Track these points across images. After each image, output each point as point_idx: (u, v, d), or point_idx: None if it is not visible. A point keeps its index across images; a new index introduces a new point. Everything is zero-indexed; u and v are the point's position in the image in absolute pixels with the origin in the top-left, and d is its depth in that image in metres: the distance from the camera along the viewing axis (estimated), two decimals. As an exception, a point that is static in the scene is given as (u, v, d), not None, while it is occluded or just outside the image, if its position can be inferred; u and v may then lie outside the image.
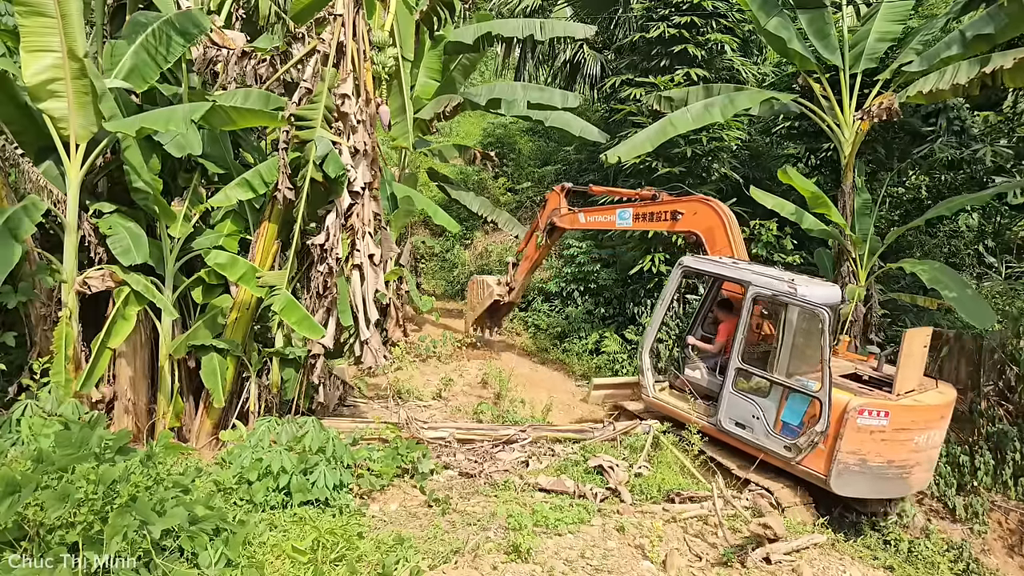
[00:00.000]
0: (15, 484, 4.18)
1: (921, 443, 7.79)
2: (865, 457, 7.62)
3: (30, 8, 6.74)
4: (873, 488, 7.85)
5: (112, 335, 7.71)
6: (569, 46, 17.84)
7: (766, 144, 16.59)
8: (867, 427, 7.55)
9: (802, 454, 7.84)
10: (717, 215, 9.84)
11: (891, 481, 7.83)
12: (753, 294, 8.53)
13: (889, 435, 7.61)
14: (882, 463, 7.68)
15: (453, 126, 23.24)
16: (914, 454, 7.80)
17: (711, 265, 9.32)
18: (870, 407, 7.55)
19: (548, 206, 12.22)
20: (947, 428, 8.33)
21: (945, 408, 8.06)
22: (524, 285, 13.11)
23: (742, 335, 8.64)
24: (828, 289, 8.76)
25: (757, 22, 10.88)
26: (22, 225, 6.98)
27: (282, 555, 5.13)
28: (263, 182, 8.20)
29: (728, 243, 9.68)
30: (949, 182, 13.62)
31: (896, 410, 7.63)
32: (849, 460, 7.58)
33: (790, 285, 8.24)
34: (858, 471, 7.63)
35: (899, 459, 7.75)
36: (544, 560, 5.68)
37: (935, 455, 8.25)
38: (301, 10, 9.17)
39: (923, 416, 7.79)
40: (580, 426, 9.84)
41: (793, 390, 8.08)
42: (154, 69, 7.90)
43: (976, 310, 9.23)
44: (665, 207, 10.41)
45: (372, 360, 8.43)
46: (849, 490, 7.77)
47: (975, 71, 8.94)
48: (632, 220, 10.84)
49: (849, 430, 7.51)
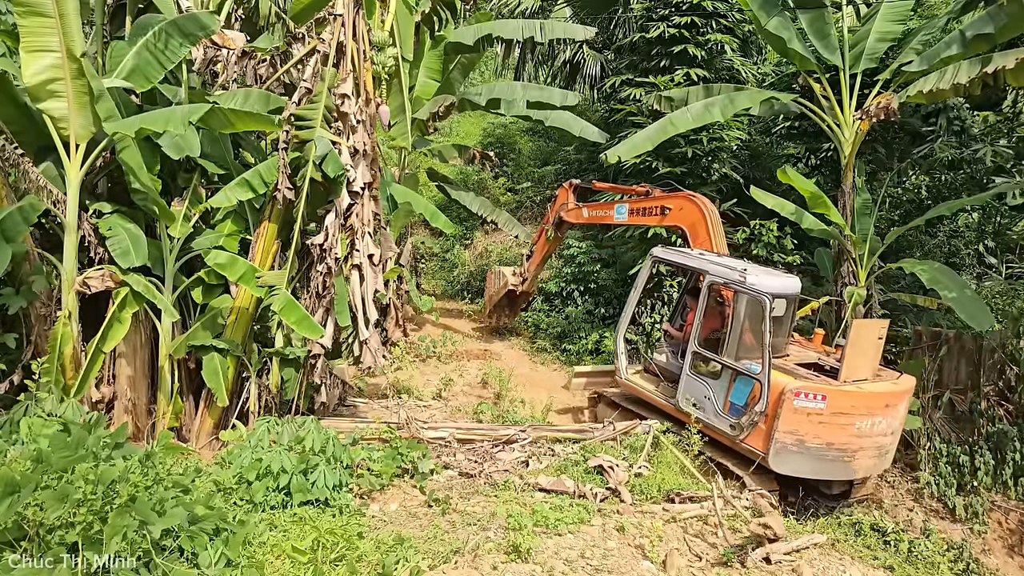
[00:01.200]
0: (14, 484, 4.18)
1: (864, 429, 8.05)
2: (802, 438, 7.99)
3: (29, 8, 6.75)
4: (813, 468, 8.19)
5: (107, 339, 7.71)
6: (569, 46, 17.83)
7: (766, 144, 16.58)
8: (804, 409, 7.92)
9: (744, 433, 8.31)
10: (700, 211, 10.26)
11: (832, 463, 8.13)
12: (709, 282, 9.08)
13: (827, 418, 7.95)
14: (821, 445, 8.02)
15: (453, 126, 23.24)
16: (856, 439, 8.07)
17: (677, 256, 9.90)
18: (807, 390, 7.93)
19: (557, 201, 12.80)
20: (902, 417, 8.60)
21: (892, 397, 8.26)
22: (536, 276, 13.83)
23: (699, 321, 9.17)
24: (782, 279, 9.07)
25: (757, 22, 10.88)
26: (18, 226, 6.98)
27: (282, 555, 5.13)
28: (263, 182, 8.20)
29: (709, 238, 10.10)
30: (949, 182, 13.62)
31: (834, 395, 7.96)
32: (787, 440, 7.98)
33: (741, 274, 8.67)
34: (796, 451, 8.03)
35: (839, 442, 8.05)
36: (544, 560, 5.68)
37: (885, 442, 8.43)
38: (301, 10, 9.18)
39: (865, 402, 8.05)
40: (580, 426, 9.84)
41: (740, 373, 8.58)
42: (157, 69, 7.91)
43: (975, 311, 9.23)
44: (655, 202, 10.89)
45: (372, 360, 8.44)
46: (787, 468, 8.17)
47: (976, 71, 8.93)
48: (628, 215, 11.38)
49: (786, 411, 7.92)
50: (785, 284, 8.99)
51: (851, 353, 8.19)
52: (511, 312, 14.61)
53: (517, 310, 14.68)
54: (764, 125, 16.49)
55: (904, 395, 8.51)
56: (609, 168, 14.02)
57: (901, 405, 8.49)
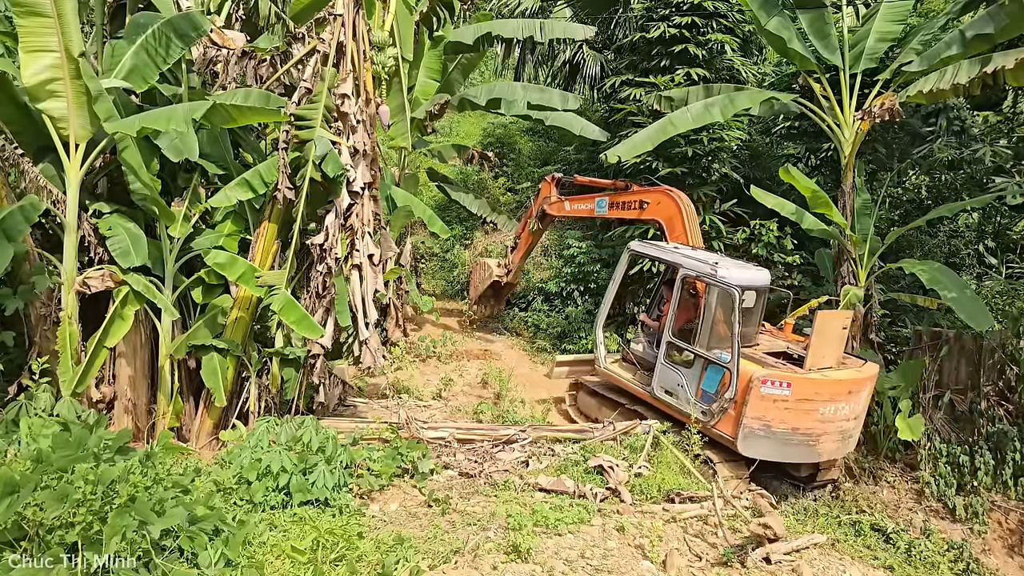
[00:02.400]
0: (14, 484, 4.18)
1: (828, 414, 8.49)
2: (769, 423, 8.43)
3: (27, 8, 6.74)
4: (779, 452, 8.63)
5: (109, 335, 7.71)
6: (569, 46, 17.81)
7: (766, 144, 16.57)
8: (770, 396, 8.35)
9: (715, 418, 8.74)
10: (677, 206, 10.60)
11: (797, 447, 8.58)
12: (682, 275, 9.47)
13: (792, 404, 8.39)
14: (786, 429, 8.46)
15: (453, 126, 23.20)
16: (820, 424, 8.51)
17: (652, 249, 10.41)
18: (773, 378, 8.36)
19: (540, 194, 13.17)
20: (865, 403, 9.02)
21: (855, 384, 8.67)
22: (520, 267, 14.10)
23: (673, 312, 9.58)
24: (751, 272, 9.45)
25: (757, 22, 10.87)
26: (18, 225, 6.98)
27: (282, 555, 5.13)
28: (263, 182, 8.20)
29: (684, 231, 10.43)
30: (949, 182, 13.62)
31: (799, 382, 8.40)
32: (754, 425, 8.41)
33: (712, 267, 9.05)
34: (763, 435, 8.46)
35: (804, 427, 8.48)
36: (544, 560, 5.68)
37: (848, 426, 8.83)
38: (301, 10, 9.17)
39: (828, 389, 8.48)
40: (580, 426, 9.85)
41: (711, 362, 8.99)
42: (154, 69, 7.90)
43: (974, 311, 9.23)
44: (634, 197, 11.23)
45: (371, 360, 8.43)
46: (755, 452, 8.58)
47: (976, 71, 8.92)
48: (608, 208, 11.73)
49: (753, 398, 8.33)
50: (754, 277, 9.35)
51: (816, 343, 8.56)
52: (496, 303, 14.82)
53: (502, 301, 14.93)
54: (764, 125, 16.47)
55: (867, 382, 8.90)
56: (609, 168, 14.02)
57: (864, 391, 8.88)
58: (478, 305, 14.63)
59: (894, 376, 10.01)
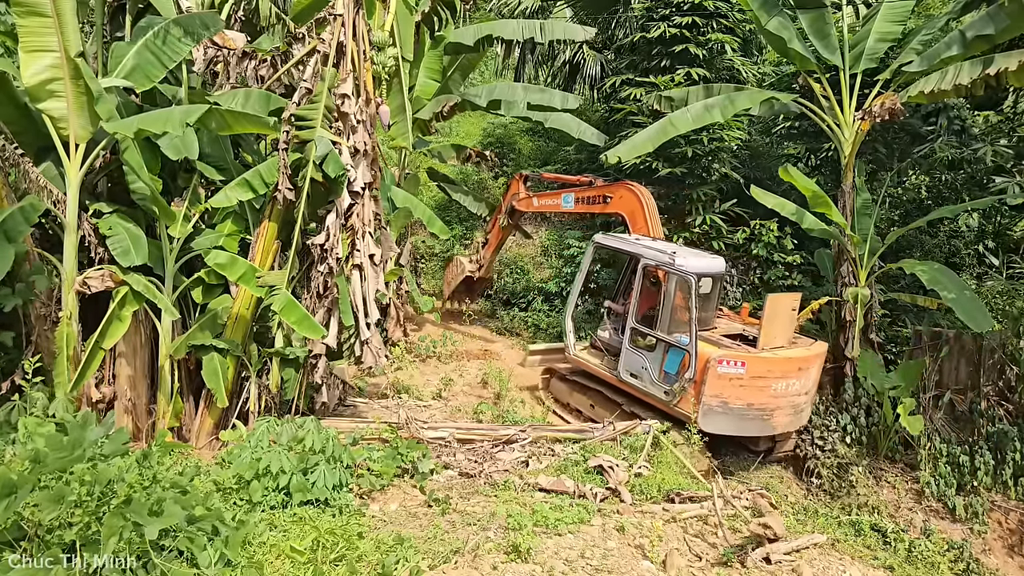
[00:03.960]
0: (12, 485, 4.18)
1: (780, 390, 9.16)
2: (726, 400, 9.05)
3: (27, 8, 6.74)
4: (737, 427, 9.27)
5: (107, 335, 7.71)
6: (569, 46, 17.80)
7: (766, 144, 16.57)
8: (726, 375, 8.97)
9: (676, 398, 9.33)
10: (638, 199, 11.08)
11: (753, 421, 9.26)
12: (643, 264, 10.06)
13: (747, 382, 9.03)
14: (742, 405, 9.11)
15: (453, 126, 23.19)
16: (773, 399, 9.18)
17: (615, 241, 10.97)
18: (728, 358, 8.98)
19: (509, 191, 13.62)
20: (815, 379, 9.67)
21: (804, 361, 9.34)
22: (492, 262, 14.64)
23: (636, 299, 10.19)
24: (707, 260, 10.04)
25: (757, 22, 10.87)
26: (19, 226, 6.97)
27: (282, 555, 5.13)
28: (263, 182, 8.19)
29: (645, 223, 10.93)
30: (949, 182, 13.61)
31: (752, 361, 9.05)
32: (712, 402, 9.03)
33: (670, 256, 9.64)
34: (721, 412, 9.08)
35: (759, 403, 9.15)
36: (544, 560, 5.68)
37: (800, 401, 9.48)
38: (301, 10, 9.18)
39: (779, 367, 9.15)
40: (580, 426, 9.85)
41: (671, 345, 9.59)
42: (159, 68, 7.90)
43: (974, 312, 9.23)
44: (598, 192, 11.78)
45: (372, 360, 8.43)
46: (714, 427, 9.16)
47: (978, 71, 8.92)
48: (574, 204, 12.21)
49: (711, 377, 8.94)
50: (710, 264, 9.97)
51: (767, 324, 9.20)
52: (470, 297, 15.27)
53: (475, 295, 15.38)
54: (764, 125, 16.48)
55: (816, 359, 9.57)
56: (609, 168, 14.04)
57: (813, 368, 9.54)
58: (451, 300, 15.10)
59: (894, 376, 10.01)
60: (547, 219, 18.62)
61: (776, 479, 9.86)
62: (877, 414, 10.10)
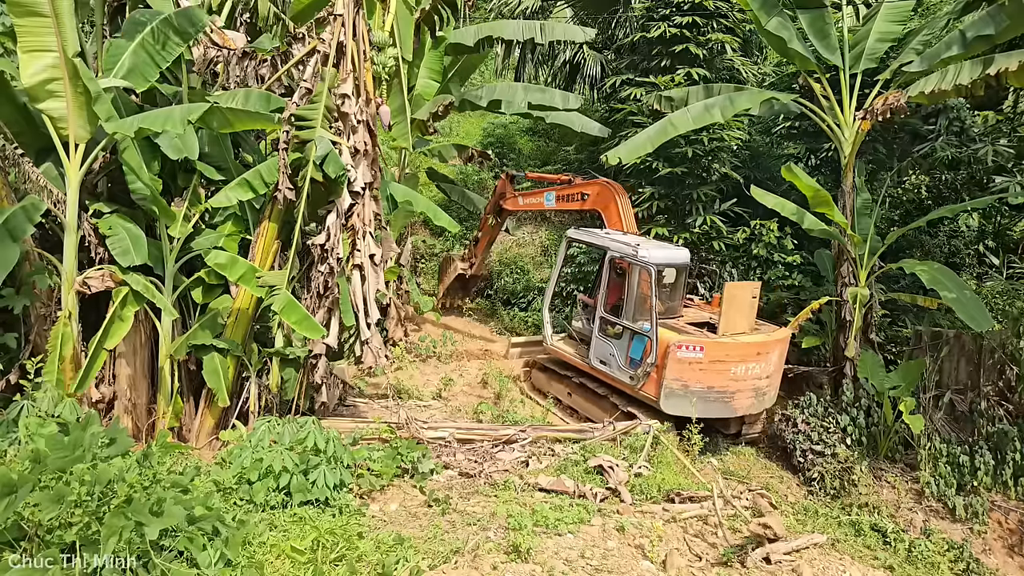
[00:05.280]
0: (12, 484, 4.18)
1: (739, 373, 9.62)
2: (687, 383, 9.51)
3: (25, 8, 6.73)
4: (699, 409, 9.50)
5: (109, 336, 7.70)
6: (569, 46, 17.80)
7: (766, 144, 16.56)
8: (686, 359, 9.45)
9: (641, 382, 9.82)
10: (612, 196, 11.62)
11: (714, 403, 9.67)
12: (610, 256, 10.67)
13: (706, 366, 9.49)
14: (703, 388, 9.55)
15: (453, 126, 23.20)
16: (733, 382, 9.64)
17: (585, 235, 11.51)
18: (687, 343, 9.49)
19: (497, 191, 14.10)
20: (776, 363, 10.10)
21: (763, 346, 9.81)
22: (483, 259, 15.12)
23: (604, 290, 10.72)
24: (669, 251, 10.50)
25: (757, 22, 10.86)
26: (21, 225, 6.97)
27: (282, 555, 5.13)
28: (263, 182, 8.19)
29: (619, 219, 11.41)
30: (949, 182, 13.61)
31: (710, 346, 9.54)
32: (674, 385, 9.50)
33: (634, 248, 10.13)
34: (682, 394, 9.52)
35: (719, 385, 9.60)
36: (544, 560, 5.68)
37: (761, 384, 9.93)
38: (301, 10, 9.17)
39: (737, 351, 9.61)
40: (580, 426, 9.86)
41: (636, 332, 10.08)
42: (154, 68, 7.89)
43: (974, 312, 9.22)
44: (576, 190, 12.33)
45: (373, 360, 8.42)
46: (676, 410, 9.53)
47: (978, 72, 8.91)
48: (555, 201, 12.76)
49: (671, 361, 9.43)
50: (672, 255, 10.40)
51: (727, 311, 9.73)
52: (464, 294, 15.75)
53: (469, 292, 15.86)
54: (764, 125, 16.47)
55: (776, 344, 10.02)
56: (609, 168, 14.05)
57: (774, 353, 9.98)
58: (445, 297, 15.50)
59: (894, 376, 10.01)
60: (547, 219, 18.65)
61: (776, 479, 9.86)
62: (877, 414, 10.10)
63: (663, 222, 13.95)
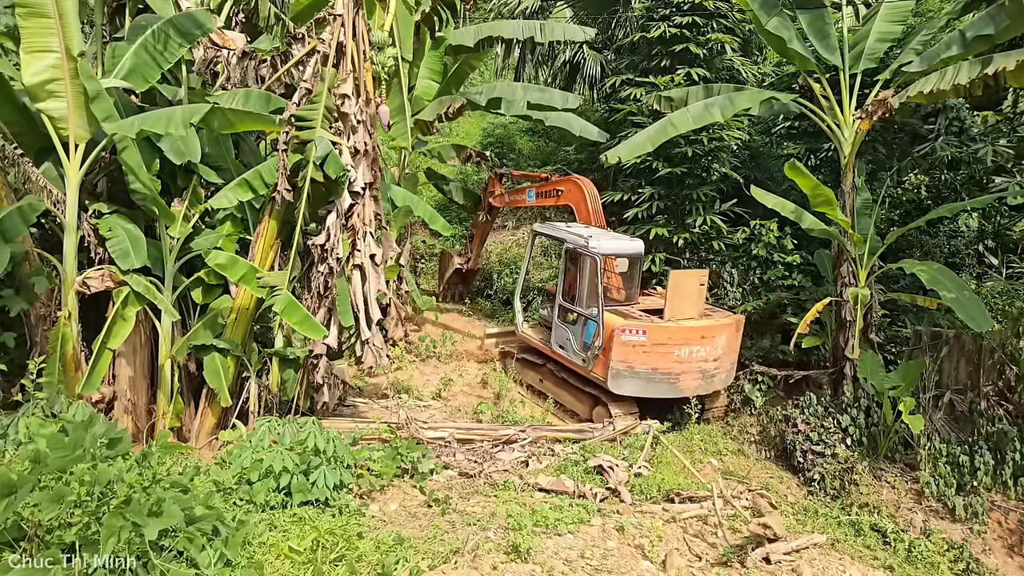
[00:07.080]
0: (12, 485, 4.18)
1: (683, 356, 10.16)
2: (632, 365, 10.06)
3: (30, 9, 6.74)
4: (644, 389, 10.19)
5: (112, 336, 7.71)
6: (569, 46, 17.79)
7: (766, 144, 16.56)
8: (630, 342, 10.00)
9: (591, 363, 10.44)
10: (581, 192, 12.20)
11: (659, 384, 10.23)
12: (566, 247, 11.26)
13: (649, 348, 10.04)
14: (647, 369, 10.11)
15: (453, 126, 23.20)
16: (678, 364, 10.18)
17: (548, 228, 12.29)
18: (630, 327, 10.04)
19: (487, 189, 14.80)
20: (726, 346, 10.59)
21: (708, 331, 10.34)
22: (478, 255, 15.92)
23: (562, 279, 11.41)
24: (620, 242, 11.14)
25: (757, 22, 10.85)
26: (16, 227, 6.97)
27: (281, 555, 5.13)
28: (263, 183, 8.20)
29: (588, 214, 11.98)
30: (949, 182, 13.60)
31: (653, 330, 10.10)
32: (620, 367, 10.05)
33: (585, 240, 10.69)
34: (628, 375, 10.09)
35: (663, 367, 10.15)
36: (544, 560, 5.68)
37: (708, 367, 10.43)
38: (301, 11, 9.17)
39: (680, 335, 10.16)
40: (580, 426, 9.87)
41: (587, 318, 10.68)
42: (155, 69, 7.89)
43: (974, 312, 9.21)
44: (551, 186, 12.96)
45: (373, 360, 8.42)
46: (623, 390, 10.17)
47: (977, 72, 8.91)
48: (536, 198, 13.46)
49: (616, 344, 9.98)
50: (624, 246, 11.10)
51: (672, 297, 10.31)
52: (464, 288, 16.44)
53: (469, 285, 16.53)
54: (764, 125, 16.46)
55: (723, 328, 10.54)
56: (609, 168, 14.05)
57: (720, 337, 10.46)
58: (446, 290, 16.19)
59: (894, 376, 10.00)
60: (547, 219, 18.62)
61: (776, 479, 9.86)
62: (877, 414, 10.09)
63: (663, 222, 13.94)
